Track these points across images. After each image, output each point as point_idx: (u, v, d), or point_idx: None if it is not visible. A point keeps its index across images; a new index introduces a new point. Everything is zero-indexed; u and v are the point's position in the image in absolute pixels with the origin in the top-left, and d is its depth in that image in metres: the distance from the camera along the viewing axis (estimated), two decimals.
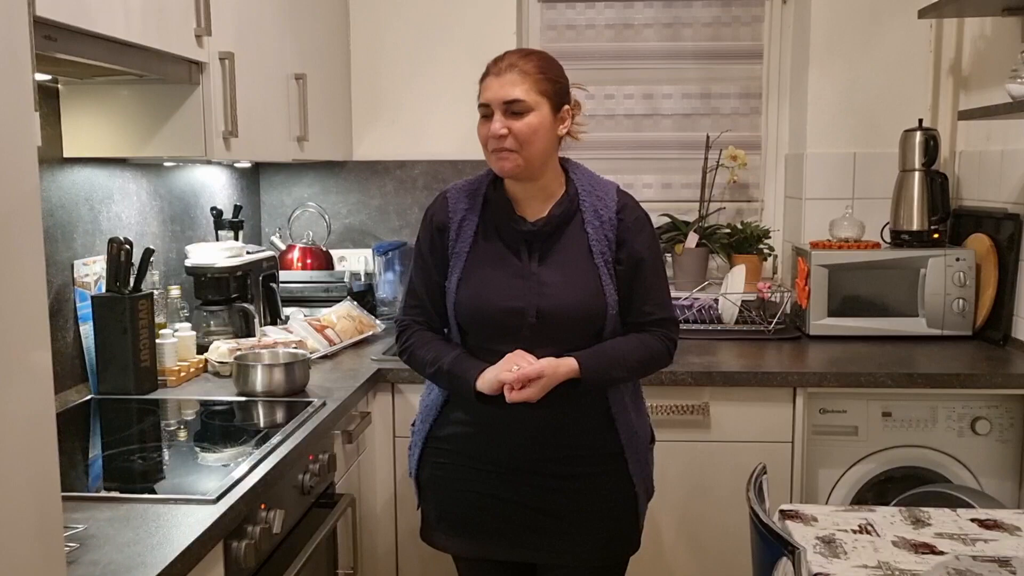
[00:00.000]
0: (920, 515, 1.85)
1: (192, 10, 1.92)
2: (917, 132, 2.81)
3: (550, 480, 1.80)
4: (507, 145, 1.70)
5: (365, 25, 3.16)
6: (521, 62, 1.73)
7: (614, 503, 1.84)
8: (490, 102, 1.72)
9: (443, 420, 1.86)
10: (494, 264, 1.79)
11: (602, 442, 1.82)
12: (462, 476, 1.84)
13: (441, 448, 1.86)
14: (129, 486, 1.61)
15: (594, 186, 1.83)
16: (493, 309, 1.76)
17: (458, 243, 1.81)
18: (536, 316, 1.74)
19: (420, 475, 1.91)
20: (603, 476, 1.83)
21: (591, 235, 1.79)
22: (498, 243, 1.80)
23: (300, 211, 3.21)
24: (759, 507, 1.67)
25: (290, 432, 1.86)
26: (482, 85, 1.75)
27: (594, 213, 1.80)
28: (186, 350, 2.32)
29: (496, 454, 1.81)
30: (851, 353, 2.60)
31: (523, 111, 1.71)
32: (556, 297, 1.75)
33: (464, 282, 1.79)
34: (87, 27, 1.55)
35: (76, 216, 2.13)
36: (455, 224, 1.82)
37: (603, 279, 1.78)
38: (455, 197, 1.84)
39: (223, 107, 2.06)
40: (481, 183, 1.85)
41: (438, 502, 1.89)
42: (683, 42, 3.28)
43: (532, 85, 1.72)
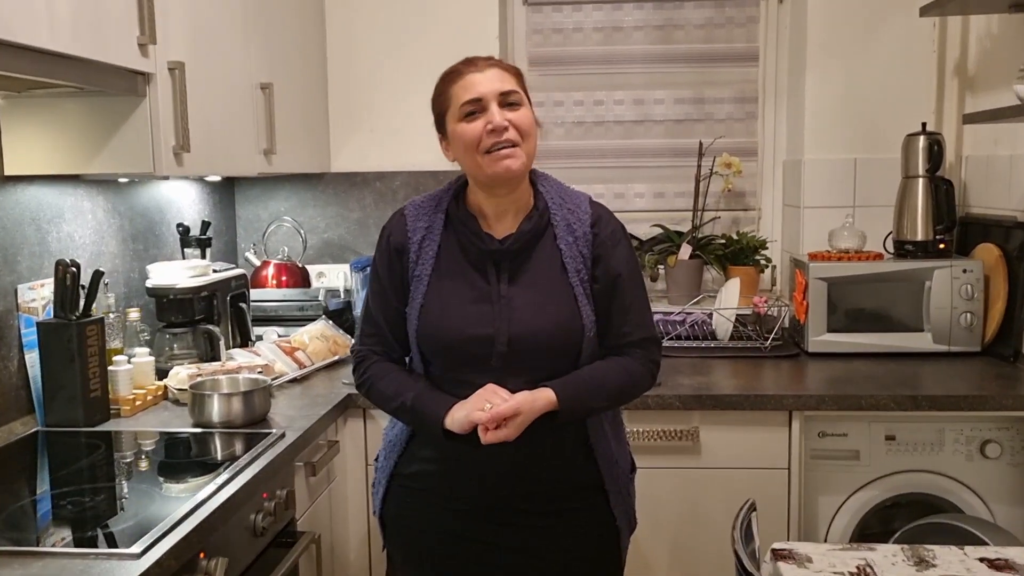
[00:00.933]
0: (924, 554, 1.70)
1: (134, 18, 1.79)
2: (921, 136, 2.66)
3: (526, 517, 1.67)
4: (511, 137, 1.56)
5: (342, 32, 3.04)
6: (495, 61, 1.63)
7: (595, 539, 1.72)
8: (483, 95, 1.57)
9: (409, 456, 1.72)
10: (459, 287, 1.65)
11: (581, 475, 1.69)
12: (431, 515, 1.70)
13: (407, 486, 1.73)
14: (61, 532, 1.48)
15: (564, 198, 1.69)
16: (459, 337, 1.62)
17: (418, 265, 1.66)
18: (507, 344, 1.60)
19: (385, 514, 1.77)
20: (583, 511, 1.70)
21: (564, 251, 1.65)
22: (463, 263, 1.66)
23: (276, 226, 3.09)
24: (744, 551, 1.53)
25: (241, 467, 1.73)
26: (457, 87, 1.60)
27: (566, 227, 1.66)
28: (143, 376, 2.19)
29: (467, 491, 1.67)
30: (852, 372, 2.45)
31: (518, 103, 1.59)
32: (529, 322, 1.61)
33: (426, 308, 1.64)
34: (5, 37, 1.42)
35: (20, 237, 2.00)
36: (415, 244, 1.67)
37: (579, 299, 1.63)
38: (414, 214, 1.69)
39: (173, 120, 1.93)
40: (442, 198, 1.70)
41: (405, 543, 1.76)
42: (675, 45, 3.15)
43: (517, 81, 1.62)
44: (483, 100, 1.57)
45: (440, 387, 1.65)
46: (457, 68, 1.63)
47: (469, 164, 1.61)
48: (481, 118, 1.57)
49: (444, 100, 1.63)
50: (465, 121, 1.58)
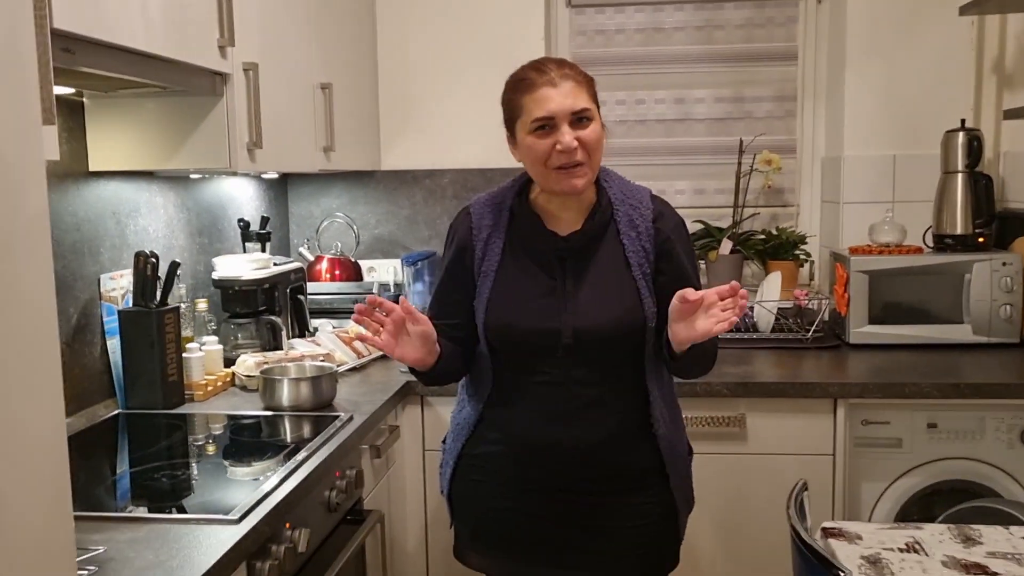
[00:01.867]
0: (970, 533, 1.77)
1: (215, 21, 1.89)
2: (960, 133, 2.72)
3: (589, 497, 1.74)
4: (579, 159, 1.60)
5: (392, 33, 3.14)
6: (570, 70, 1.63)
7: (654, 518, 1.78)
8: (555, 114, 1.59)
9: (477, 438, 1.79)
10: (524, 283, 1.70)
11: (642, 458, 1.75)
12: (497, 494, 1.77)
13: (475, 466, 1.80)
14: (154, 504, 1.59)
15: (627, 194, 1.74)
16: (525, 331, 1.68)
17: (485, 261, 1.72)
18: (573, 337, 1.66)
19: (452, 493, 1.85)
20: (643, 491, 1.76)
21: (627, 247, 1.70)
22: (528, 260, 1.71)
23: (328, 222, 3.19)
24: (801, 526, 1.60)
25: (316, 448, 1.83)
26: (529, 99, 1.61)
27: (629, 223, 1.71)
28: (213, 364, 2.30)
29: (533, 473, 1.74)
30: (893, 362, 2.51)
31: (588, 119, 1.62)
32: (593, 316, 1.67)
33: (493, 303, 1.70)
34: (106, 38, 1.52)
35: (103, 230, 2.12)
36: (480, 242, 1.73)
37: (641, 292, 1.68)
38: (479, 212, 1.75)
39: (247, 118, 2.04)
40: (506, 195, 1.75)
41: (472, 520, 1.83)
42: (715, 45, 3.22)
43: (588, 92, 1.64)
44: (555, 118, 1.59)
45: (508, 377, 1.72)
46: (530, 78, 1.62)
47: (536, 174, 1.67)
48: (551, 136, 1.60)
49: (515, 108, 1.65)
50: (535, 135, 1.61)
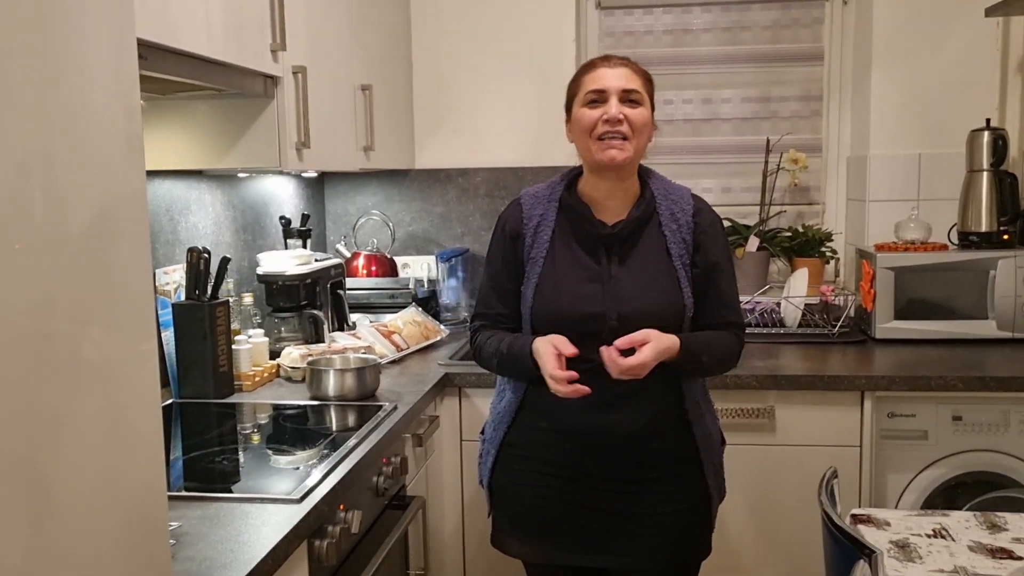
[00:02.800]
0: (996, 520, 1.83)
1: (268, 26, 1.98)
2: (985, 132, 2.77)
3: (625, 484, 1.81)
4: (622, 130, 1.72)
5: (427, 35, 3.22)
6: (629, 62, 1.79)
7: (688, 506, 1.85)
8: (607, 88, 1.73)
9: (518, 426, 1.86)
10: (572, 269, 1.79)
11: (677, 445, 1.82)
12: (536, 482, 1.85)
13: (515, 454, 1.87)
14: (212, 486, 1.67)
15: (669, 190, 1.85)
16: (572, 314, 1.76)
17: (533, 249, 1.81)
18: (617, 320, 1.74)
19: (493, 482, 1.92)
20: (678, 479, 1.83)
21: (669, 237, 1.80)
22: (575, 247, 1.81)
23: (364, 219, 3.28)
24: (832, 510, 1.67)
25: (364, 435, 1.91)
26: (588, 77, 1.77)
27: (671, 216, 1.81)
28: (260, 355, 2.38)
29: (572, 459, 1.81)
30: (919, 356, 2.57)
31: (637, 102, 1.75)
32: (637, 300, 1.76)
33: (541, 287, 1.80)
34: (175, 45, 1.61)
35: (157, 226, 2.21)
36: (530, 231, 1.82)
37: (681, 281, 1.78)
38: (529, 203, 1.85)
39: (296, 119, 2.12)
40: (555, 188, 1.85)
41: (511, 508, 1.90)
42: (742, 46, 3.28)
43: (643, 83, 1.78)
44: (606, 92, 1.74)
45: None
46: (593, 61, 1.81)
47: (582, 147, 1.78)
48: (601, 107, 1.74)
49: (575, 86, 1.80)
50: (587, 107, 1.75)
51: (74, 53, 0.89)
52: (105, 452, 0.93)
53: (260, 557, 1.31)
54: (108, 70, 0.94)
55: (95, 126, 0.92)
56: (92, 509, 0.91)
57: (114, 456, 0.95)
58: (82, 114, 0.90)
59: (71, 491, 0.88)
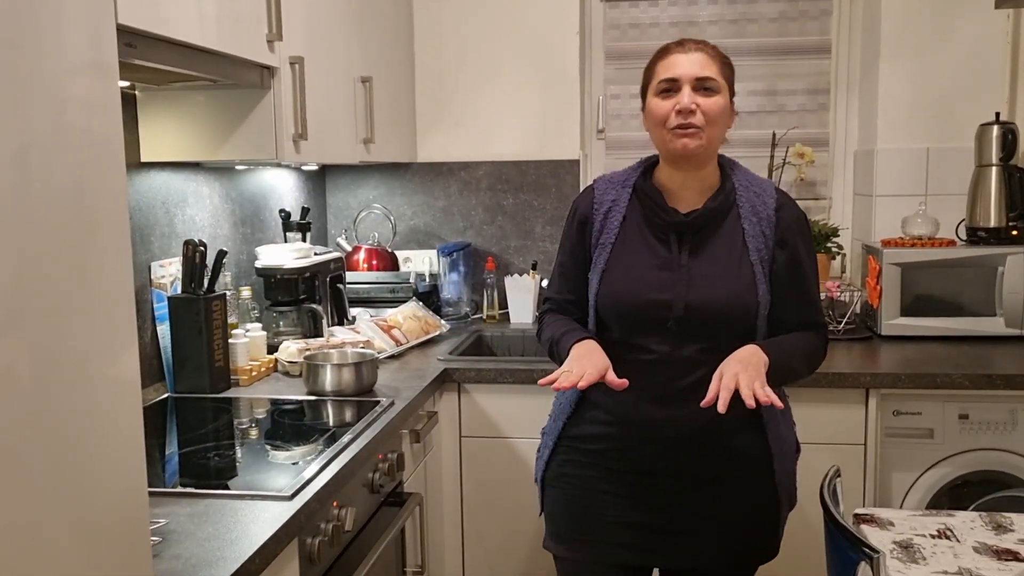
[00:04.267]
0: (1002, 520, 1.80)
1: (264, 16, 1.95)
2: (994, 126, 2.73)
3: (690, 482, 1.72)
4: (695, 121, 1.63)
5: (428, 27, 3.19)
6: (705, 46, 1.70)
7: (757, 510, 1.76)
8: (680, 77, 1.65)
9: (578, 418, 1.78)
10: (641, 254, 1.72)
11: (751, 447, 1.73)
12: (597, 476, 1.76)
13: (575, 447, 1.78)
14: (206, 482, 1.65)
15: (751, 182, 1.75)
16: (638, 301, 1.69)
17: (603, 234, 1.75)
18: (684, 310, 1.66)
19: (547, 475, 1.83)
20: (748, 482, 1.74)
21: (748, 231, 1.71)
22: (646, 233, 1.73)
23: (365, 213, 3.25)
24: (835, 510, 1.64)
25: (360, 431, 1.88)
26: (661, 64, 1.69)
27: (751, 209, 1.71)
28: (257, 350, 2.36)
29: (637, 456, 1.72)
30: (925, 354, 2.53)
31: (713, 90, 1.66)
32: (707, 290, 1.67)
33: (609, 272, 1.73)
34: (165, 34, 1.59)
35: (153, 219, 2.19)
36: (600, 215, 1.76)
37: (757, 276, 1.69)
38: (602, 188, 1.79)
39: (293, 110, 2.09)
40: (631, 174, 1.79)
41: (565, 504, 1.80)
42: (748, 38, 3.24)
43: (719, 69, 1.68)
44: (679, 81, 1.65)
45: (615, 350, 1.69)
46: (668, 46, 1.72)
47: (655, 137, 1.71)
48: (674, 97, 1.65)
49: (649, 74, 1.72)
50: (660, 97, 1.68)
51: (50, 39, 0.86)
52: (81, 449, 0.91)
53: (248, 555, 1.29)
54: (86, 57, 0.92)
55: (71, 115, 0.89)
56: (67, 507, 0.89)
57: (90, 453, 0.92)
58: (58, 103, 0.87)
59: (45, 488, 0.86)
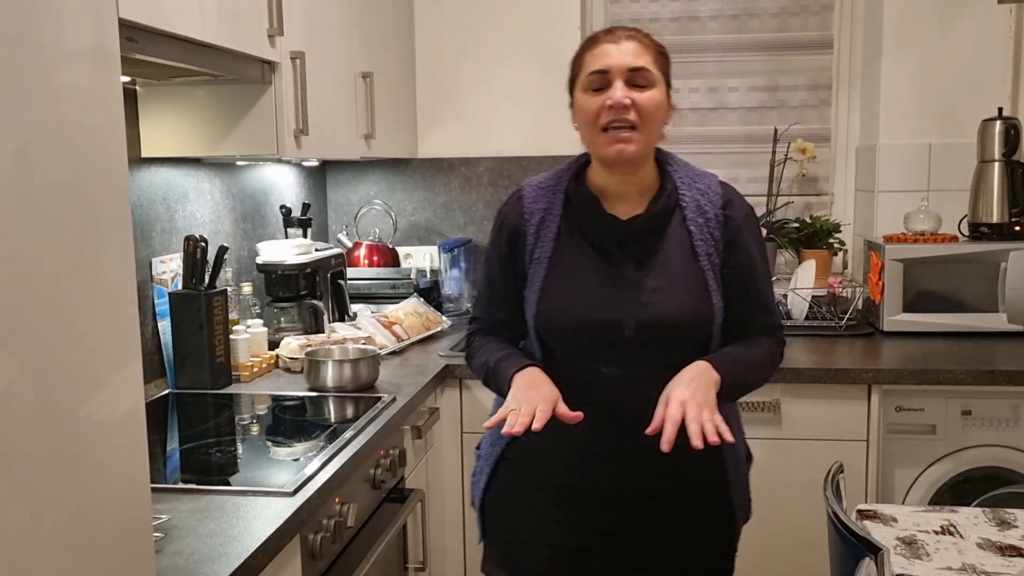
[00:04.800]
0: (1006, 516, 1.80)
1: (265, 10, 1.95)
2: (997, 121, 2.72)
3: (641, 505, 1.59)
4: (630, 118, 1.48)
5: (429, 22, 3.18)
6: (638, 34, 1.54)
7: (712, 530, 1.66)
8: (610, 68, 1.49)
9: (521, 439, 1.53)
10: (582, 271, 1.57)
11: (704, 465, 1.56)
12: (538, 502, 1.61)
13: (515, 470, 1.64)
14: (207, 478, 1.65)
15: (694, 178, 1.59)
16: (584, 322, 1.54)
17: (537, 248, 1.59)
18: (635, 329, 1.52)
19: (486, 502, 1.68)
20: (702, 501, 1.63)
21: (695, 233, 1.55)
22: (585, 246, 1.58)
23: (366, 209, 3.24)
24: (838, 506, 1.63)
25: (362, 427, 1.88)
26: (590, 54, 1.53)
27: (696, 209, 1.56)
28: (258, 346, 2.36)
29: (584, 480, 1.58)
30: (927, 350, 2.53)
31: (647, 84, 1.50)
32: (658, 307, 1.52)
33: (547, 292, 1.57)
34: (165, 28, 1.58)
35: (154, 215, 2.18)
36: (532, 227, 1.59)
37: (709, 284, 1.55)
38: (531, 196, 1.62)
39: (294, 105, 2.09)
40: (561, 178, 1.62)
41: (507, 533, 1.66)
42: (750, 34, 3.23)
43: (654, 59, 1.53)
44: (609, 73, 1.49)
45: (562, 373, 1.54)
46: (596, 35, 1.57)
47: (586, 138, 1.56)
48: (605, 93, 1.50)
49: (576, 66, 1.57)
50: (589, 93, 1.52)
51: (51, 33, 0.85)
52: (84, 445, 0.90)
53: (251, 551, 1.29)
54: (88, 51, 0.91)
55: (72, 110, 0.89)
56: (71, 503, 0.88)
57: (93, 449, 0.92)
58: (59, 98, 0.87)
59: (48, 485, 0.85)
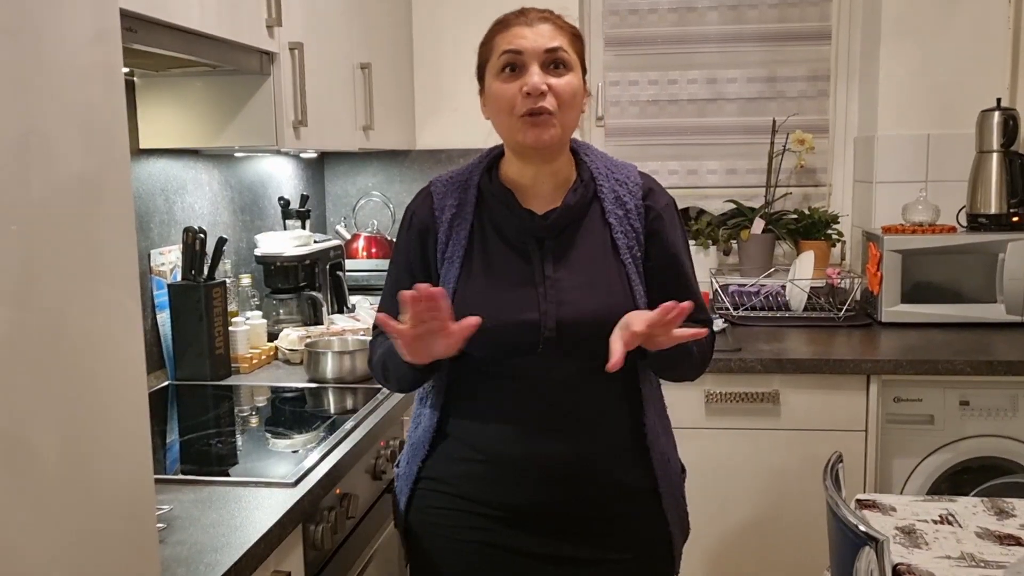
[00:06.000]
0: (1004, 506, 1.80)
1: (263, 1, 1.94)
2: (995, 112, 2.72)
3: (571, 524, 1.48)
4: (546, 105, 1.39)
5: (427, 13, 3.17)
6: (551, 15, 1.46)
7: (647, 547, 1.53)
8: (525, 50, 1.40)
9: (438, 457, 1.52)
10: (497, 269, 1.47)
11: (633, 476, 1.50)
12: (461, 523, 1.50)
13: (435, 490, 1.53)
14: (208, 469, 1.65)
15: (611, 169, 1.52)
16: (501, 323, 1.42)
17: (449, 247, 1.49)
18: (555, 329, 1.43)
19: (409, 524, 1.57)
20: (634, 517, 1.52)
21: (614, 226, 1.48)
22: (500, 243, 1.48)
23: (364, 200, 3.24)
24: (837, 496, 1.64)
25: (362, 418, 1.88)
26: (501, 37, 1.44)
27: (616, 201, 1.49)
28: (257, 337, 2.35)
29: (508, 496, 1.47)
30: (925, 340, 2.54)
31: (563, 66, 1.42)
32: (578, 305, 1.44)
33: (461, 293, 1.46)
34: (164, 18, 1.57)
35: (152, 206, 2.18)
36: (444, 224, 1.49)
37: (631, 278, 1.47)
38: (441, 192, 1.51)
39: (293, 96, 2.08)
40: (471, 173, 1.52)
41: (432, 555, 1.54)
42: (748, 24, 3.23)
43: (570, 42, 1.44)
44: (523, 55, 1.40)
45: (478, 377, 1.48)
46: (506, 17, 1.47)
47: (500, 126, 1.46)
48: (519, 78, 1.40)
49: (486, 50, 1.47)
50: (501, 78, 1.42)
51: (52, 23, 0.85)
52: (88, 435, 0.90)
53: (253, 541, 1.29)
54: (89, 40, 0.91)
55: (75, 98, 0.88)
56: (75, 491, 0.88)
57: (97, 439, 0.92)
58: (62, 86, 0.86)
59: (52, 476, 0.85)
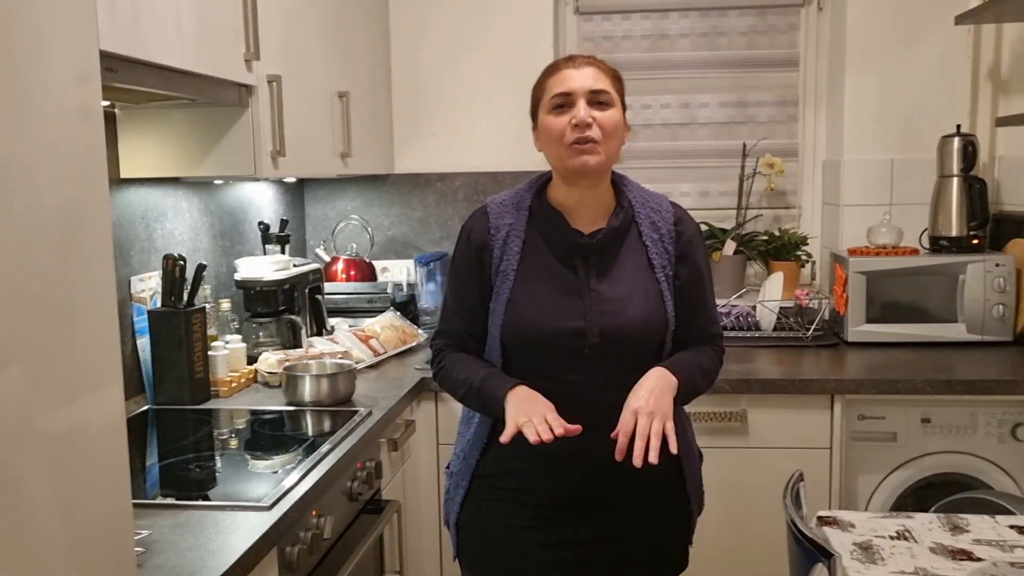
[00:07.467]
0: (958, 522, 1.87)
1: (242, 36, 2.00)
2: (955, 138, 2.81)
3: (609, 508, 1.70)
4: (592, 135, 1.61)
5: (405, 40, 3.24)
6: (595, 60, 1.69)
7: (671, 521, 1.79)
8: (574, 91, 1.63)
9: (491, 455, 1.72)
10: (547, 281, 1.68)
11: (664, 464, 1.62)
12: (511, 514, 1.71)
13: (490, 486, 1.72)
14: (186, 493, 1.69)
15: (647, 198, 1.76)
16: (550, 330, 1.64)
17: (503, 261, 1.68)
18: (599, 336, 1.64)
19: (462, 519, 1.76)
20: (661, 497, 1.75)
21: (650, 248, 1.70)
22: (549, 258, 1.69)
23: (343, 224, 3.30)
24: (796, 514, 1.70)
25: (338, 440, 1.93)
26: (552, 80, 1.67)
27: (651, 226, 1.72)
28: (237, 361, 2.40)
29: (554, 488, 1.69)
30: (890, 360, 2.61)
31: (607, 104, 1.64)
32: (619, 315, 1.65)
33: (514, 302, 1.66)
34: (145, 58, 1.63)
35: (133, 234, 2.22)
36: (498, 241, 1.69)
37: (664, 294, 1.69)
38: (496, 211, 1.72)
39: (271, 127, 2.14)
40: (524, 195, 1.74)
41: (483, 546, 1.75)
42: (719, 51, 3.31)
43: (611, 83, 1.68)
44: (572, 95, 1.63)
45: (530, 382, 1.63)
46: (557, 63, 1.70)
47: (552, 155, 1.67)
48: (568, 113, 1.63)
49: (539, 91, 1.69)
50: (553, 114, 1.64)
51: (35, 60, 0.90)
52: (66, 460, 0.95)
53: (228, 564, 1.33)
54: (70, 81, 0.96)
55: (56, 135, 0.93)
56: (53, 517, 0.93)
57: (75, 465, 0.97)
58: (43, 124, 0.91)
59: (30, 500, 0.90)
